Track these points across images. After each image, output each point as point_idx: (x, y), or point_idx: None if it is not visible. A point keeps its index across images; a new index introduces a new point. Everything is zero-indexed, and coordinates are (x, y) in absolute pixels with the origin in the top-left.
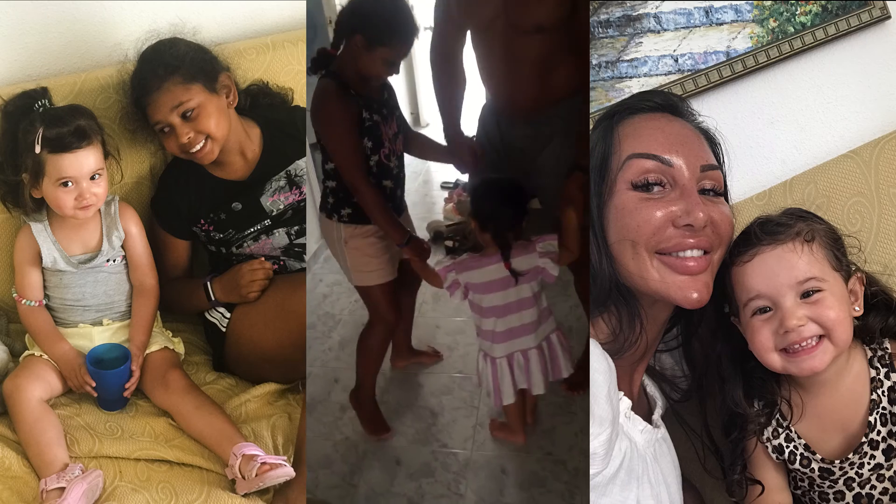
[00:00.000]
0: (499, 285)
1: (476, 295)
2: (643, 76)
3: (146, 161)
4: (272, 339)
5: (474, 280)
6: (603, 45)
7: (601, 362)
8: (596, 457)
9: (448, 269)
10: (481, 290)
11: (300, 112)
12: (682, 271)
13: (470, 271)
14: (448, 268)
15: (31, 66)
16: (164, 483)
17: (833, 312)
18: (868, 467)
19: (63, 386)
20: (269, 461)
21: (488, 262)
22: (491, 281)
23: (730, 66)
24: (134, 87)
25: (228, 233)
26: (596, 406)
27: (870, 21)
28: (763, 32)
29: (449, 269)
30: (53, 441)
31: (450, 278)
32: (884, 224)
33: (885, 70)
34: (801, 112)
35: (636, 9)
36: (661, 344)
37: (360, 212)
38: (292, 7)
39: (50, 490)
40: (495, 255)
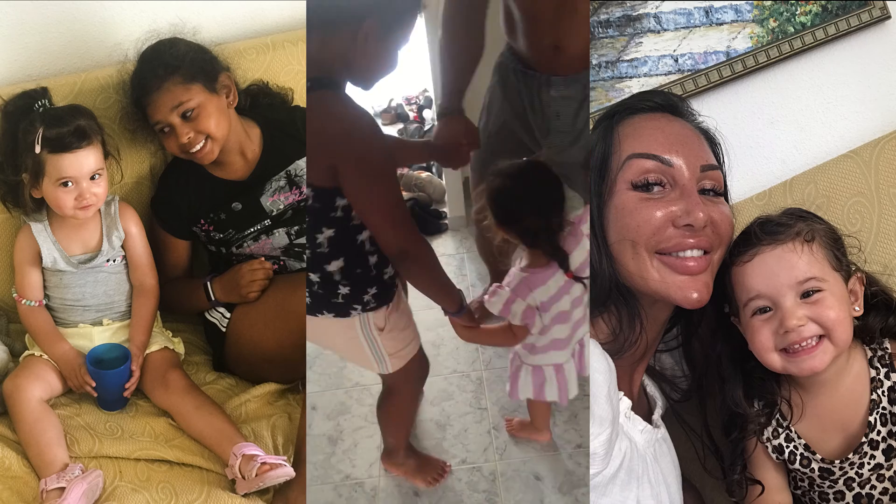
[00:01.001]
0: (562, 292)
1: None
2: (643, 76)
3: (146, 161)
4: (272, 339)
5: (543, 298)
6: (603, 45)
7: (601, 362)
8: (596, 457)
9: (510, 300)
10: (547, 308)
11: (300, 112)
12: (682, 271)
13: (535, 290)
14: (510, 299)
15: (31, 66)
16: (164, 483)
17: (833, 312)
18: (868, 467)
19: (63, 386)
20: (269, 461)
21: (548, 273)
22: (556, 293)
23: (730, 66)
24: (134, 87)
25: (228, 233)
26: (596, 406)
27: (870, 21)
28: (763, 32)
29: (512, 300)
30: (53, 441)
31: (518, 310)
32: (884, 224)
33: (885, 70)
34: (801, 112)
35: (636, 9)
36: (661, 344)
37: (388, 285)
38: (292, 7)
39: (50, 490)
40: (551, 263)
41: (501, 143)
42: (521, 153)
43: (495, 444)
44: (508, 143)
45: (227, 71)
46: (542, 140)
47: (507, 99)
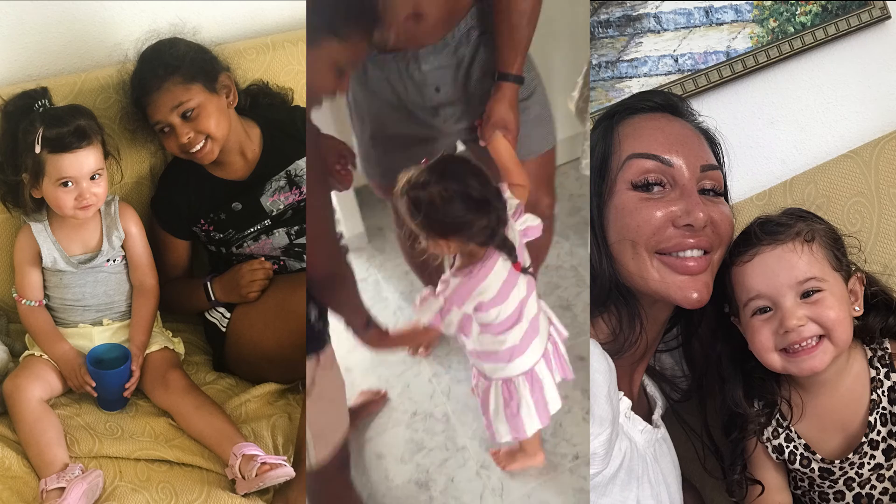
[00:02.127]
0: (508, 288)
1: (484, 313)
2: (643, 76)
3: (146, 161)
4: (272, 339)
5: (484, 298)
6: (603, 45)
7: (601, 362)
8: (596, 457)
9: (445, 310)
10: (492, 305)
11: (300, 112)
12: (682, 271)
13: (473, 294)
14: (445, 309)
15: (31, 66)
16: (164, 483)
17: (833, 312)
18: (868, 467)
19: (63, 386)
20: (269, 461)
21: (487, 268)
22: (501, 289)
23: (730, 66)
24: (134, 87)
25: (228, 233)
26: (596, 406)
27: (870, 21)
28: (763, 32)
29: (447, 311)
30: (53, 441)
31: (453, 319)
32: (884, 224)
33: (885, 70)
34: (801, 112)
35: (636, 9)
36: (661, 344)
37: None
38: (292, 7)
39: (50, 490)
40: (490, 257)
41: (389, 144)
42: (414, 147)
43: (490, 485)
44: (396, 142)
45: (227, 71)
46: (432, 120)
47: (374, 94)
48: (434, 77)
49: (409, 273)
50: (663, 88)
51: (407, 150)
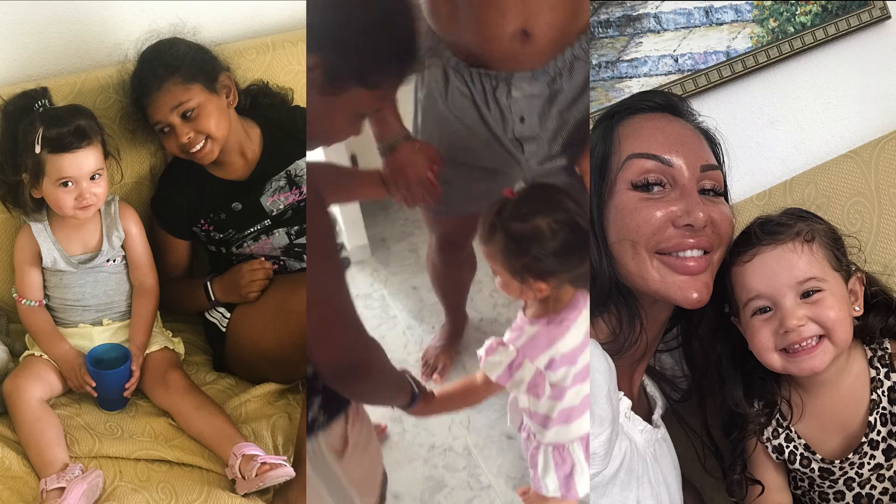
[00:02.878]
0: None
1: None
2: (643, 76)
3: (146, 161)
4: (272, 339)
5: (563, 352)
6: (603, 45)
7: (601, 362)
8: (596, 457)
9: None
10: (564, 363)
11: (300, 112)
12: (682, 271)
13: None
14: (516, 362)
15: (31, 66)
16: (164, 483)
17: (833, 312)
18: (868, 467)
19: (63, 386)
20: (269, 461)
21: (575, 314)
22: (582, 342)
23: (730, 66)
24: (134, 87)
25: (228, 233)
26: (596, 406)
27: (870, 21)
28: (763, 32)
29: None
30: (53, 441)
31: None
32: (884, 224)
33: (885, 70)
34: (801, 112)
35: (636, 9)
36: (661, 344)
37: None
38: (292, 7)
39: (50, 490)
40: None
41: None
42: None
43: None
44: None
45: (227, 71)
46: (516, 153)
47: (452, 111)
48: (520, 106)
49: (416, 289)
50: (663, 88)
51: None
